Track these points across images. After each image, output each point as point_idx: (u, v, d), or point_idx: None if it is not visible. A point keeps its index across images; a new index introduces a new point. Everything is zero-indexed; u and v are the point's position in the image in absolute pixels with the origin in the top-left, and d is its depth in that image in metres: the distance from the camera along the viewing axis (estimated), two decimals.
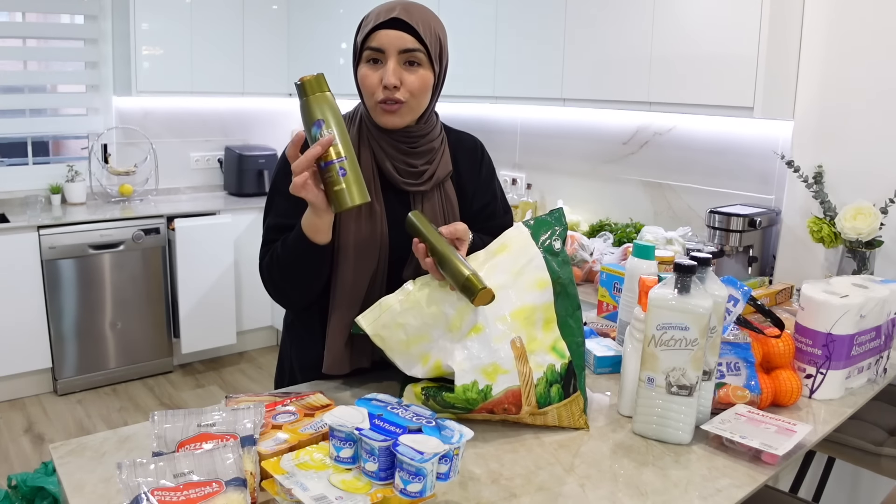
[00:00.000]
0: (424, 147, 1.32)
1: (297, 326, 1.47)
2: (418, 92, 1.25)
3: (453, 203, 1.36)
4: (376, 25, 1.22)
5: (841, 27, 2.14)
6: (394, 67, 1.22)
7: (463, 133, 1.46)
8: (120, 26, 3.78)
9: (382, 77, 1.22)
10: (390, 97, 1.23)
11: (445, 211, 1.34)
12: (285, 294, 1.30)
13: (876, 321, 1.38)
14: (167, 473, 0.84)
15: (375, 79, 1.23)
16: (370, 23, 1.24)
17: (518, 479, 1.03)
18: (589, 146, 3.05)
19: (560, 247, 1.24)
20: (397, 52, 1.22)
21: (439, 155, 1.34)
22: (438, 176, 1.33)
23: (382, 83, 1.22)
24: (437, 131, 1.36)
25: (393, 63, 1.22)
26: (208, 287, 3.78)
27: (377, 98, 1.24)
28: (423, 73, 1.25)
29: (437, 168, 1.33)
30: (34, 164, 3.87)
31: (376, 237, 1.28)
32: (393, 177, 1.29)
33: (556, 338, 1.17)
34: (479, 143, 1.47)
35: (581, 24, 2.60)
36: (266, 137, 4.55)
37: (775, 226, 2.36)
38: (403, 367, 1.19)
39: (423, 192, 1.32)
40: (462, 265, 1.11)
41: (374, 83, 1.23)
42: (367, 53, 1.24)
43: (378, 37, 1.22)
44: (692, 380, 1.11)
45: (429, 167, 1.32)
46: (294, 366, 1.49)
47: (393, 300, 1.19)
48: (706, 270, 1.16)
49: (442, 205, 1.34)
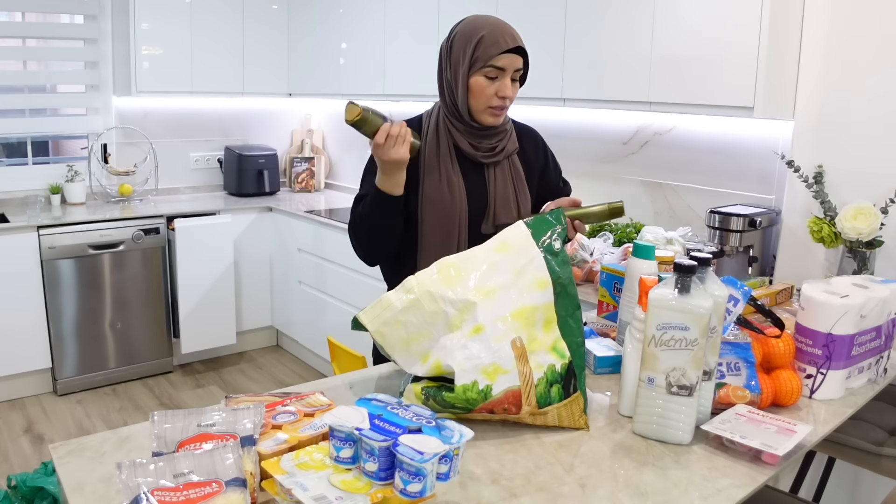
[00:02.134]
0: (492, 131, 1.63)
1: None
2: (514, 98, 1.59)
3: (520, 173, 1.68)
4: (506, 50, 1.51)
5: (841, 27, 2.14)
6: (510, 85, 1.55)
7: (525, 125, 1.78)
8: (120, 26, 3.78)
9: (498, 90, 1.54)
10: (502, 105, 1.56)
11: (514, 179, 1.66)
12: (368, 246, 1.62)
13: (876, 321, 1.38)
14: (167, 473, 0.84)
15: (492, 90, 1.54)
16: (496, 44, 1.51)
17: (518, 480, 1.02)
18: (589, 146, 3.05)
19: (560, 247, 1.24)
20: (513, 71, 1.55)
21: (507, 135, 1.66)
22: (508, 150, 1.65)
23: (498, 95, 1.54)
24: (506, 118, 1.66)
25: (508, 80, 1.55)
26: (208, 287, 3.78)
27: (490, 104, 1.56)
28: (517, 86, 1.60)
29: (507, 144, 1.65)
30: (34, 164, 3.87)
31: (456, 203, 1.59)
32: (470, 153, 1.61)
33: (557, 338, 1.17)
34: (539, 135, 1.80)
35: (581, 24, 2.60)
36: (266, 137, 4.56)
37: (775, 226, 2.36)
38: (403, 364, 1.19)
39: (495, 163, 1.64)
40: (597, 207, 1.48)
41: (490, 93, 1.55)
42: (489, 70, 1.53)
43: (503, 59, 1.52)
44: (692, 380, 1.11)
45: (499, 143, 1.64)
46: None
47: (394, 297, 1.19)
48: (706, 270, 1.16)
49: (511, 174, 1.66)
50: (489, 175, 1.64)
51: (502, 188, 1.64)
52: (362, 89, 3.75)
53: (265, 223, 4.05)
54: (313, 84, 4.13)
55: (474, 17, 1.59)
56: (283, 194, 4.40)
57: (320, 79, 4.05)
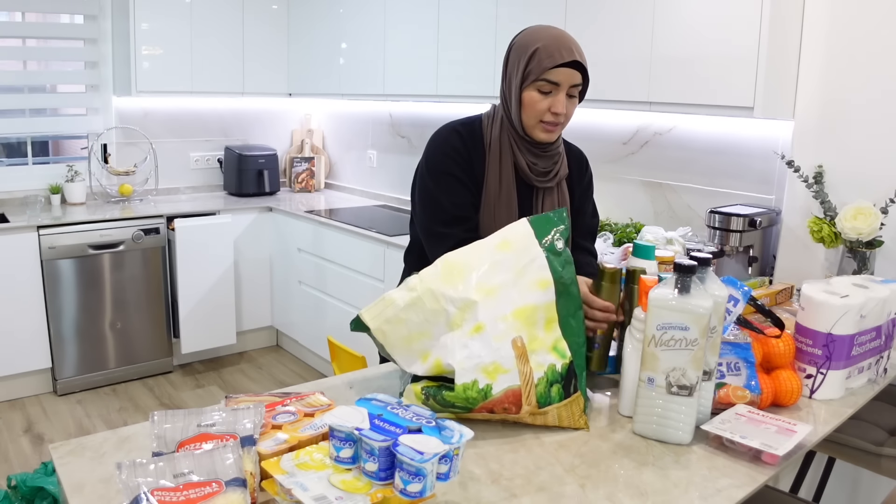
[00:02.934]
0: (553, 151, 1.55)
1: None
2: (571, 116, 1.50)
3: (566, 199, 1.60)
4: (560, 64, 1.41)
5: (841, 27, 2.14)
6: (564, 100, 1.45)
7: (573, 145, 1.69)
8: (120, 26, 3.78)
9: (551, 105, 1.44)
10: (555, 121, 1.46)
11: (561, 204, 1.57)
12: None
13: (876, 321, 1.38)
14: (167, 473, 0.84)
15: (545, 105, 1.45)
16: (551, 57, 1.41)
17: (518, 480, 1.02)
18: (589, 146, 3.03)
19: (563, 246, 1.24)
20: (568, 87, 1.45)
21: (562, 158, 1.58)
22: (561, 175, 1.57)
23: (551, 110, 1.44)
24: (560, 139, 1.59)
25: (563, 95, 1.45)
26: (208, 287, 3.78)
27: (543, 119, 1.46)
28: (575, 103, 1.50)
29: (560, 169, 1.57)
30: (34, 164, 3.87)
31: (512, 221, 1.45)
32: (527, 174, 1.52)
33: (558, 337, 1.17)
34: (585, 157, 1.72)
35: (581, 24, 2.60)
36: (266, 137, 4.56)
37: (775, 226, 2.36)
38: (403, 363, 1.19)
39: (546, 188, 1.55)
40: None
41: (543, 108, 1.45)
42: (542, 84, 1.44)
43: (557, 73, 1.43)
44: (692, 380, 1.11)
45: (555, 167, 1.56)
46: None
47: (396, 295, 1.19)
48: (706, 270, 1.16)
49: (558, 200, 1.57)
50: (537, 201, 1.55)
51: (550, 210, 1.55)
52: (362, 89, 3.76)
53: (265, 223, 4.05)
54: (313, 84, 4.13)
55: (535, 27, 1.51)
56: (283, 194, 4.40)
57: (320, 79, 4.05)
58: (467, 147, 1.52)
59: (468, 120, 1.57)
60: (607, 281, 1.31)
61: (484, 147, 1.52)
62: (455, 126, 1.56)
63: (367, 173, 4.36)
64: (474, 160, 1.52)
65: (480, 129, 1.55)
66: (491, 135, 1.52)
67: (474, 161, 1.52)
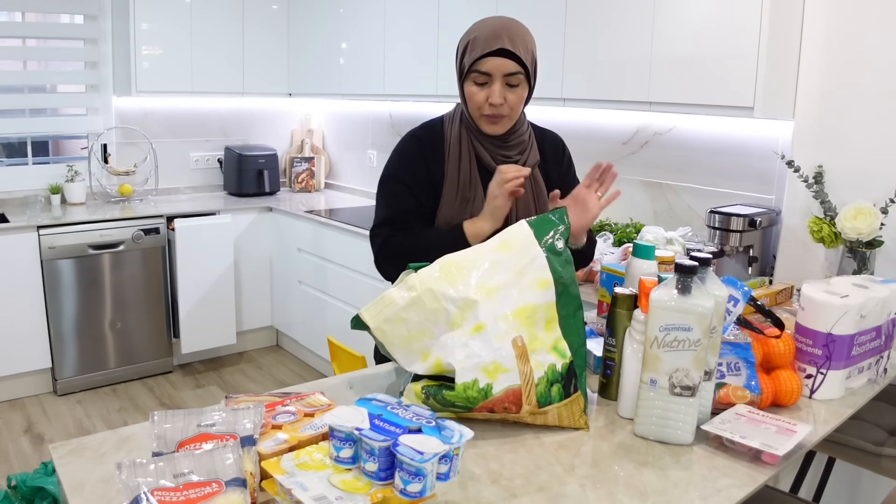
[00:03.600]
0: (516, 140, 1.55)
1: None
2: (516, 106, 1.49)
3: (541, 187, 1.58)
4: (484, 54, 1.41)
5: (841, 27, 2.14)
6: (499, 90, 1.44)
7: (546, 129, 1.69)
8: (120, 26, 3.78)
9: (489, 96, 1.44)
10: (495, 113, 1.46)
11: (535, 195, 1.56)
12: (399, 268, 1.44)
13: (876, 321, 1.38)
14: (167, 473, 0.84)
15: (482, 97, 1.45)
16: (477, 48, 1.42)
17: (518, 480, 1.02)
18: (589, 146, 3.05)
19: (563, 246, 1.24)
20: (502, 76, 1.43)
21: (529, 146, 1.57)
22: (529, 164, 1.55)
23: (489, 101, 1.44)
24: (525, 127, 1.59)
25: (498, 85, 1.44)
26: (208, 287, 3.78)
27: (483, 112, 1.47)
28: (520, 91, 1.48)
29: (528, 157, 1.56)
30: (34, 164, 3.87)
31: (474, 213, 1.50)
32: (490, 165, 1.52)
33: (558, 337, 1.17)
34: (561, 139, 1.71)
35: (581, 24, 2.60)
36: (266, 137, 4.56)
37: (775, 226, 2.36)
38: (403, 362, 1.19)
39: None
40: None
41: (481, 100, 1.46)
42: (474, 75, 1.44)
43: (486, 63, 1.42)
44: (695, 380, 1.11)
45: (520, 157, 1.55)
46: None
47: (396, 294, 1.19)
48: (707, 270, 1.16)
49: (532, 191, 1.56)
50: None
51: (524, 208, 1.55)
52: (362, 89, 3.76)
53: (265, 223, 4.05)
54: (313, 84, 4.13)
55: (481, 20, 1.50)
56: (283, 194, 4.40)
57: (320, 79, 4.06)
58: (424, 152, 1.55)
59: (431, 122, 1.61)
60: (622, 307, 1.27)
61: (444, 147, 1.55)
62: (416, 132, 1.59)
63: (367, 173, 4.36)
64: (431, 163, 1.54)
65: (442, 129, 1.57)
66: (451, 133, 1.54)
67: (431, 164, 1.54)
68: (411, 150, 1.56)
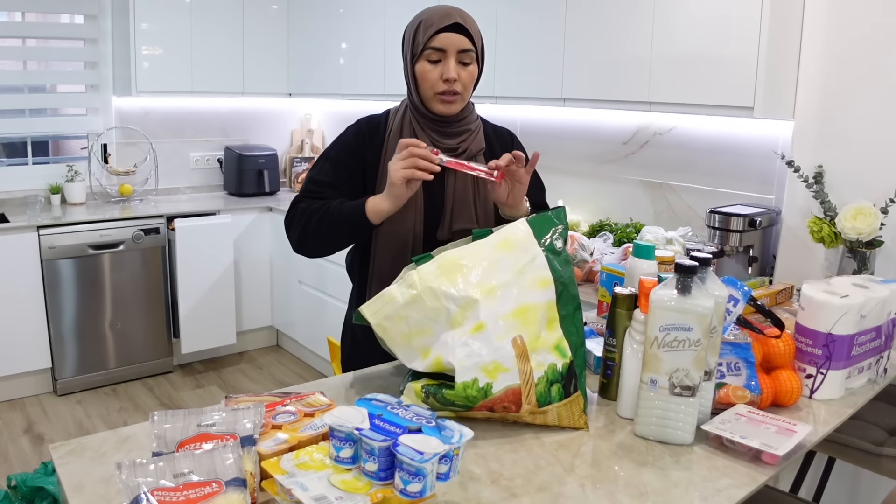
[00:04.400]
0: (461, 128, 1.54)
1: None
2: (469, 85, 1.49)
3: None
4: (440, 28, 1.43)
5: (841, 27, 2.14)
6: (454, 65, 1.45)
7: (500, 126, 1.68)
8: (120, 26, 3.78)
9: (443, 73, 1.45)
10: (450, 89, 1.45)
11: (476, 181, 1.52)
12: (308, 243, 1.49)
13: (876, 321, 1.38)
14: (167, 473, 0.84)
15: (436, 74, 1.45)
16: (432, 25, 1.44)
17: (518, 480, 1.02)
18: (589, 146, 3.05)
19: (562, 246, 1.24)
20: (456, 52, 1.45)
21: (473, 135, 1.55)
22: (471, 151, 1.54)
23: (443, 77, 1.44)
24: (473, 117, 1.58)
25: (453, 61, 1.45)
26: (208, 287, 3.78)
27: (437, 90, 1.46)
28: (472, 70, 1.49)
29: (471, 145, 1.54)
30: (34, 163, 3.87)
31: (411, 205, 1.46)
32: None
33: (560, 337, 1.17)
34: (513, 133, 1.69)
35: (581, 24, 2.60)
36: (266, 137, 4.56)
37: (775, 226, 2.36)
38: (404, 359, 1.19)
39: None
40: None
41: (434, 77, 1.46)
42: (428, 52, 1.45)
43: (440, 39, 1.44)
44: (695, 380, 1.11)
45: (462, 144, 1.53)
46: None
47: (396, 292, 1.19)
48: (707, 270, 1.16)
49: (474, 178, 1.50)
50: (447, 176, 1.51)
51: (462, 191, 1.52)
52: (362, 89, 3.75)
53: (265, 223, 4.05)
54: (313, 84, 4.13)
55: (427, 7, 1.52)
56: (283, 194, 4.40)
57: (320, 79, 4.05)
58: (362, 139, 1.55)
59: (376, 115, 1.60)
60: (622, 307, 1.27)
61: (385, 133, 1.55)
62: (359, 121, 1.60)
63: None
64: (367, 151, 1.54)
65: (386, 119, 1.57)
66: (392, 123, 1.55)
67: (367, 152, 1.54)
68: (349, 132, 1.57)
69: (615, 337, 1.27)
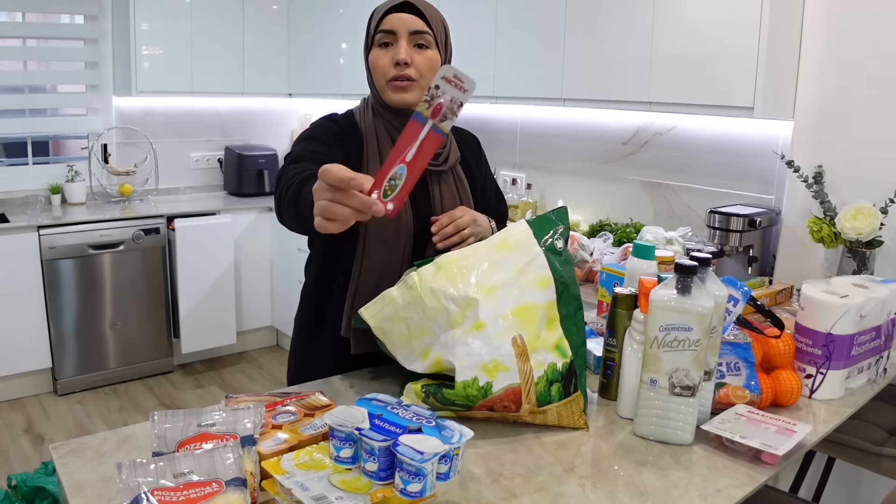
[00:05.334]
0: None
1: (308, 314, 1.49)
2: (426, 71, 1.35)
3: (465, 185, 1.46)
4: (388, 9, 1.33)
5: (841, 27, 2.14)
6: (405, 46, 1.32)
7: (461, 129, 1.56)
8: (120, 26, 3.78)
9: (394, 56, 1.33)
10: (401, 74, 1.33)
11: (459, 191, 1.44)
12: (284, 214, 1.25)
13: (876, 321, 1.38)
14: (167, 473, 0.84)
15: (387, 59, 1.34)
16: (382, 9, 1.35)
17: (518, 479, 1.02)
18: (589, 146, 3.05)
19: (563, 246, 1.24)
20: (408, 34, 1.33)
21: (450, 142, 1.44)
22: (451, 161, 1.43)
23: (394, 61, 1.32)
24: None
25: (404, 43, 1.33)
26: (208, 287, 3.78)
27: (388, 76, 1.34)
28: (430, 55, 1.35)
29: (450, 153, 1.43)
30: (34, 164, 3.87)
31: (402, 225, 1.35)
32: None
33: (560, 336, 1.17)
34: (477, 138, 1.60)
35: (581, 24, 2.60)
36: (266, 137, 4.56)
37: (775, 226, 2.36)
38: (404, 361, 1.19)
39: (440, 172, 1.41)
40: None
41: (385, 63, 1.34)
42: (379, 36, 1.35)
43: (389, 20, 1.33)
44: (695, 380, 1.11)
45: (443, 151, 1.42)
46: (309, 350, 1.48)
47: (396, 293, 1.19)
48: (706, 270, 1.16)
49: (456, 186, 1.43)
50: (434, 190, 1.40)
51: (450, 204, 1.41)
52: (362, 89, 3.73)
53: (265, 223, 4.05)
54: (313, 84, 4.13)
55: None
56: None
57: (320, 79, 4.05)
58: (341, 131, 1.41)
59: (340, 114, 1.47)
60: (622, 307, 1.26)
61: (361, 136, 1.41)
62: (330, 114, 1.46)
63: None
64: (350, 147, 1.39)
65: (354, 119, 1.45)
66: (365, 123, 1.41)
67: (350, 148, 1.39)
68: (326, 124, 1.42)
69: (615, 337, 1.27)
